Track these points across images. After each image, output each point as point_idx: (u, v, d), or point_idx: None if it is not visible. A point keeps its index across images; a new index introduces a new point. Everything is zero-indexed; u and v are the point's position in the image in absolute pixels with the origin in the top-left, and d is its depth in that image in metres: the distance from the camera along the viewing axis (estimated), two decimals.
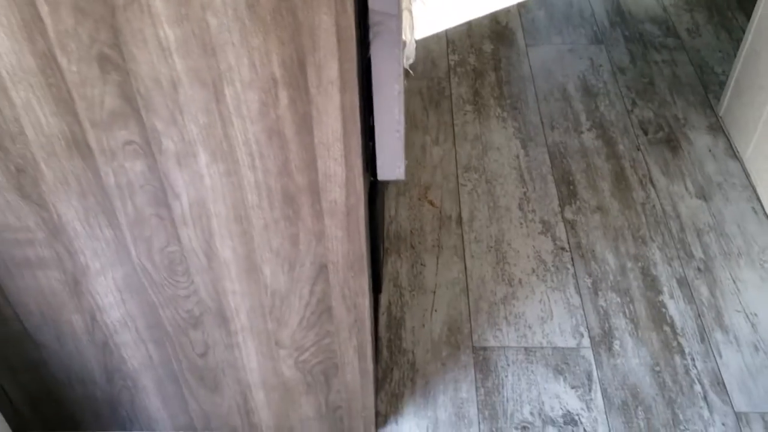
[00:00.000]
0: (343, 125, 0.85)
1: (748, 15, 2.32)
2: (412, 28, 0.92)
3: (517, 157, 1.86)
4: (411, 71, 1.74)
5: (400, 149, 0.95)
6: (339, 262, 1.01)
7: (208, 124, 0.85)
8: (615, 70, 2.13)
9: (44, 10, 0.74)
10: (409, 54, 0.92)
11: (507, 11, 2.37)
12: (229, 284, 1.05)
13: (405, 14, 0.86)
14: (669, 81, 2.09)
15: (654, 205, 1.75)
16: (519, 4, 2.39)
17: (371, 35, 0.84)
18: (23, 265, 1.02)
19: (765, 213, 1.73)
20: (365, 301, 1.07)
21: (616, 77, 2.11)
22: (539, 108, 2.00)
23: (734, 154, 1.88)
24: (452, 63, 2.15)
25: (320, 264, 1.02)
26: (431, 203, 1.73)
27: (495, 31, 2.28)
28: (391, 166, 0.98)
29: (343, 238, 0.98)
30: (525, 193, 1.77)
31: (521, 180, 1.80)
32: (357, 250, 0.99)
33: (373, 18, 0.82)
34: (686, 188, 1.80)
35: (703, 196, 1.78)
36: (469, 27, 2.30)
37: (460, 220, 1.70)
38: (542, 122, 1.96)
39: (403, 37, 0.86)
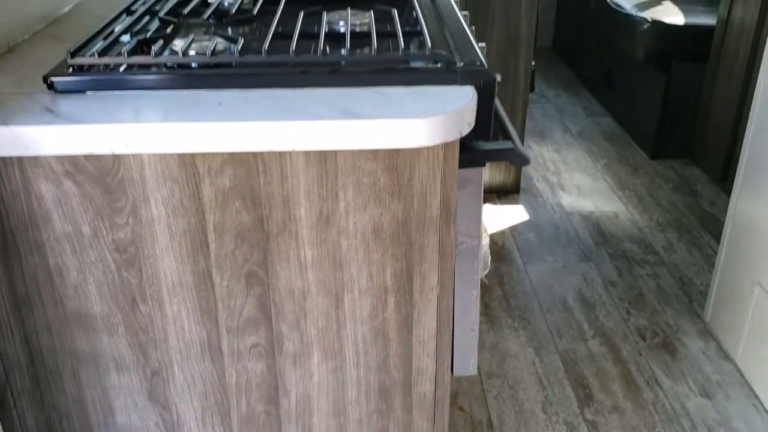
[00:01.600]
0: (438, 325, 1.02)
1: (712, 233, 2.64)
2: (486, 245, 1.13)
3: (533, 363, 2.02)
4: (486, 280, 1.94)
5: (474, 348, 1.12)
6: None
7: (325, 327, 1.01)
8: (606, 284, 2.37)
9: (212, 237, 0.93)
10: (485, 266, 1.12)
11: (502, 233, 2.65)
12: None
13: (483, 235, 1.08)
14: (655, 292, 2.34)
15: (664, 404, 1.90)
16: (511, 227, 2.69)
17: (457, 251, 1.04)
18: None
19: (765, 409, 1.88)
20: None
21: (608, 290, 2.34)
22: (545, 318, 2.20)
23: (726, 355, 2.07)
24: None
25: None
26: (461, 409, 1.85)
27: (494, 251, 2.55)
28: (465, 363, 1.14)
29: (428, 430, 1.11)
30: (546, 397, 1.90)
31: (540, 385, 1.95)
32: None
33: (459, 238, 1.03)
34: (690, 388, 1.96)
35: (707, 394, 1.94)
36: None
37: (491, 425, 1.81)
38: (550, 331, 2.15)
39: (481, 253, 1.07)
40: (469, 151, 0.97)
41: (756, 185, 1.90)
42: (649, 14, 3.09)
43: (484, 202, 2.87)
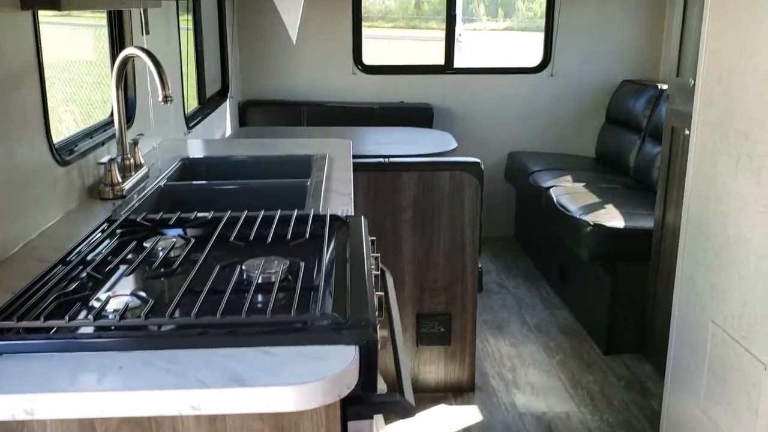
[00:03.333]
0: None
1: None
2: None
3: None
4: None
5: None
6: None
7: None
8: None
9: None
10: None
11: None
12: None
13: None
14: None
15: None
16: (464, 430, 2.70)
17: None
18: None
19: None
20: None
21: None
22: None
23: None
24: None
25: None
26: None
27: None
28: None
29: None
30: None
31: None
32: None
33: None
34: None
35: None
36: None
37: None
38: None
39: None
40: (357, 404, 1.05)
41: (680, 393, 1.96)
42: (592, 218, 3.30)
43: (439, 402, 2.90)
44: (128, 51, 1.87)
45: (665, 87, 4.00)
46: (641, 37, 4.59)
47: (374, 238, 1.59)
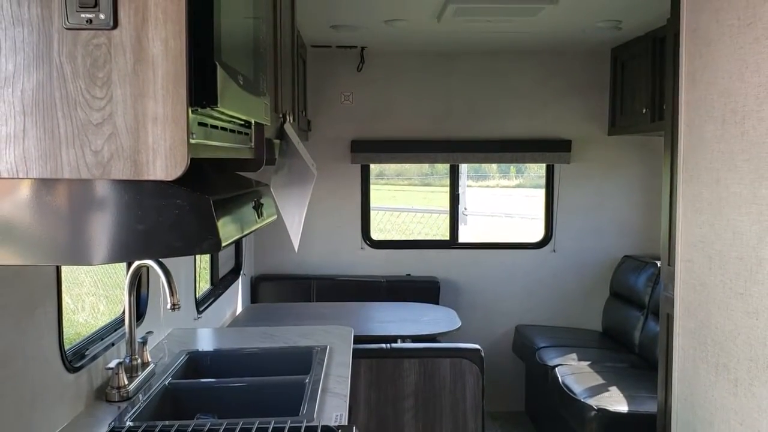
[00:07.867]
0: None
1: None
2: None
3: None
4: None
5: None
6: None
7: None
8: None
9: None
10: None
11: None
12: None
13: None
14: None
15: None
16: None
17: None
18: None
19: None
20: None
21: None
22: None
23: None
24: None
25: None
26: None
27: None
28: None
29: None
30: None
31: None
32: None
33: None
34: None
35: None
36: None
37: None
38: None
39: None
40: None
41: None
42: (596, 401, 3.29)
43: None
44: (141, 261, 2.02)
45: None
46: (639, 214, 4.75)
47: None
